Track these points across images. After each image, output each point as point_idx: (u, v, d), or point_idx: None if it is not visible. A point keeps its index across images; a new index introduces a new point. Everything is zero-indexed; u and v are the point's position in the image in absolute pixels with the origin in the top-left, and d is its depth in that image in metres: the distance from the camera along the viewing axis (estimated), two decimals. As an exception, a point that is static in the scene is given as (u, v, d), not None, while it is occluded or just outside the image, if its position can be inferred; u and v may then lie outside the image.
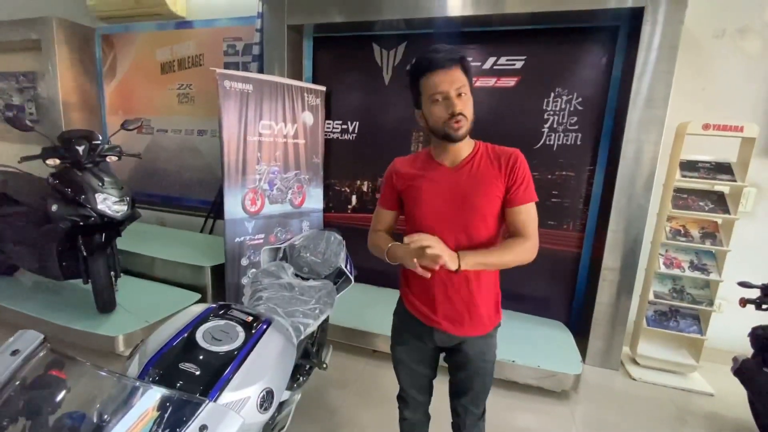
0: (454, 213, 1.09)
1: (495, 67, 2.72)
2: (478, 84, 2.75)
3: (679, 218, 2.35)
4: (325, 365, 1.49)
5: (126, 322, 2.36)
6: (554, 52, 2.60)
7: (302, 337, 1.25)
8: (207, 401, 0.57)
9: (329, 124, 3.16)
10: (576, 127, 2.61)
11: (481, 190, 1.07)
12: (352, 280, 1.65)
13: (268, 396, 0.86)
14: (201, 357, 0.86)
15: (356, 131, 3.12)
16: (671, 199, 2.30)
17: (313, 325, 1.31)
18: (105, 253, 2.35)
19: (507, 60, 2.69)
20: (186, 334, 0.90)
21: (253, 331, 1.01)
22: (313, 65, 3.17)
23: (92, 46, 4.03)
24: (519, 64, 2.68)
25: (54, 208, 2.17)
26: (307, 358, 1.46)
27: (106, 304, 2.40)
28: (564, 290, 2.80)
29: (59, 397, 0.58)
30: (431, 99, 1.02)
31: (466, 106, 1.01)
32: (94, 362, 0.63)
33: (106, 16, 3.80)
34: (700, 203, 2.30)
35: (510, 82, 2.70)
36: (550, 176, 2.71)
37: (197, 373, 0.80)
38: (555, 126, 2.65)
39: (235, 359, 0.87)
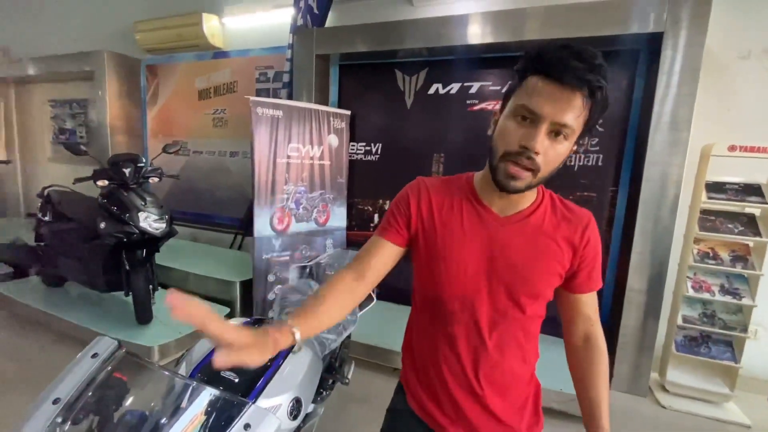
0: (491, 284, 0.77)
1: (515, 91, 2.79)
2: (496, 107, 2.82)
3: (707, 240, 2.30)
4: (347, 380, 1.54)
5: (161, 334, 2.50)
6: (574, 76, 2.65)
7: (326, 351, 1.32)
8: (250, 403, 0.65)
9: (353, 146, 3.29)
10: (597, 148, 2.63)
11: (540, 263, 0.76)
12: (374, 299, 1.72)
13: (297, 404, 0.94)
14: (239, 366, 0.94)
15: (379, 153, 3.24)
16: (698, 221, 2.27)
17: (336, 341, 1.38)
18: (145, 267, 2.52)
19: (527, 84, 2.76)
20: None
21: (284, 344, 1.09)
22: (339, 91, 3.34)
23: (138, 75, 4.38)
24: (539, 88, 2.73)
25: (102, 225, 2.36)
26: (331, 372, 1.52)
27: (144, 315, 2.55)
28: (588, 312, 2.76)
29: (122, 397, 0.67)
30: (517, 110, 0.68)
31: (549, 153, 0.68)
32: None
33: (151, 48, 4.15)
34: (729, 225, 2.25)
35: (530, 104, 2.76)
36: (571, 197, 2.70)
37: (236, 380, 0.89)
38: (575, 147, 2.67)
39: (269, 369, 0.96)
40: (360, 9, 3.27)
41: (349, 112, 3.15)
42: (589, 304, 0.82)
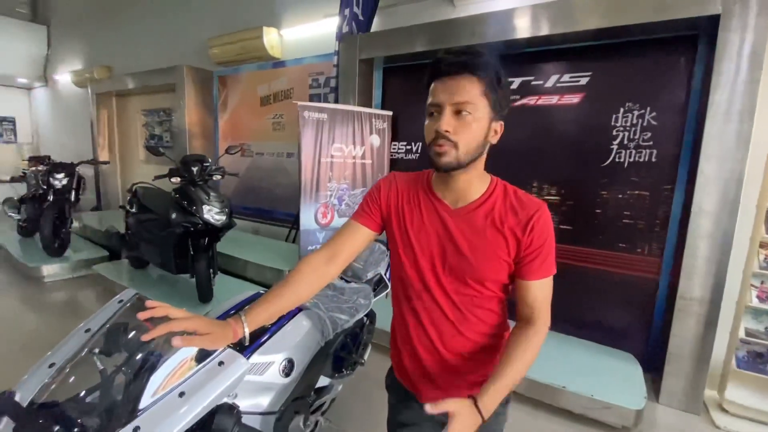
0: (445, 269, 0.86)
1: (558, 85, 2.69)
2: (539, 102, 2.74)
3: (777, 245, 2.04)
4: (363, 361, 1.66)
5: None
6: (623, 66, 2.50)
7: (338, 330, 1.45)
8: (226, 347, 0.79)
9: (395, 145, 3.40)
10: (650, 143, 2.45)
11: (485, 252, 0.83)
12: (389, 286, 1.82)
13: (289, 364, 1.08)
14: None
15: (419, 151, 3.32)
16: (765, 223, 2.02)
17: (349, 321, 1.50)
18: (207, 254, 2.87)
19: (570, 77, 2.65)
20: (234, 311, 1.18)
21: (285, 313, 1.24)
22: (383, 93, 3.47)
23: (211, 86, 4.94)
24: (584, 81, 2.61)
25: (173, 216, 2.74)
26: (348, 353, 1.65)
27: (205, 295, 2.90)
28: (638, 320, 2.57)
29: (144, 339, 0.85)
30: (427, 110, 0.81)
31: (460, 130, 0.77)
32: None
33: (221, 61, 4.66)
34: (806, 229, 1.97)
35: (574, 99, 2.65)
36: (620, 195, 2.56)
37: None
38: (626, 142, 2.51)
39: (268, 331, 1.11)
40: (404, 12, 3.37)
41: (390, 113, 3.27)
42: (533, 292, 0.84)
